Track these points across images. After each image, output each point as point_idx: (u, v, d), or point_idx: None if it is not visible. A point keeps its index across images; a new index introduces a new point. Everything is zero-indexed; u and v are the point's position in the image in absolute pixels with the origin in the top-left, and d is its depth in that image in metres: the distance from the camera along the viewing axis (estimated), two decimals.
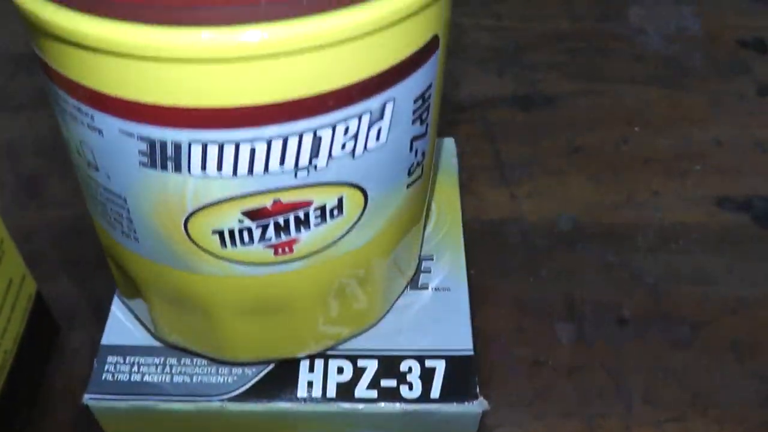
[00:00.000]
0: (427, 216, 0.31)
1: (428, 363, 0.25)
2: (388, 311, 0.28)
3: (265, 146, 0.18)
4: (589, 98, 0.51)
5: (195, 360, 0.27)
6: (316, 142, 0.19)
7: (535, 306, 0.41)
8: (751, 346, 0.39)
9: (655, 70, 0.53)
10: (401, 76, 0.19)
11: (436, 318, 0.27)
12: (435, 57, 0.20)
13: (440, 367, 0.24)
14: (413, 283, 0.30)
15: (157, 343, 0.28)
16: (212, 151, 0.18)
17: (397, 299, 0.29)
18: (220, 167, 0.18)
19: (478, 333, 0.38)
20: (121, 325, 0.28)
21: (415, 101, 0.20)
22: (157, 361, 0.27)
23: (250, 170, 0.19)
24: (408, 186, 0.23)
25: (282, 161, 0.19)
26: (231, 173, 0.19)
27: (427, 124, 0.22)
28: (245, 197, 0.19)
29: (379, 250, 0.24)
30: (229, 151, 0.18)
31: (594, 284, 0.41)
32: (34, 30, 0.18)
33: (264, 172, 0.19)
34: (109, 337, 0.28)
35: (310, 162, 0.19)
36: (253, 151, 0.18)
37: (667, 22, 0.59)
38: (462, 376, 0.25)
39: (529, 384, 0.38)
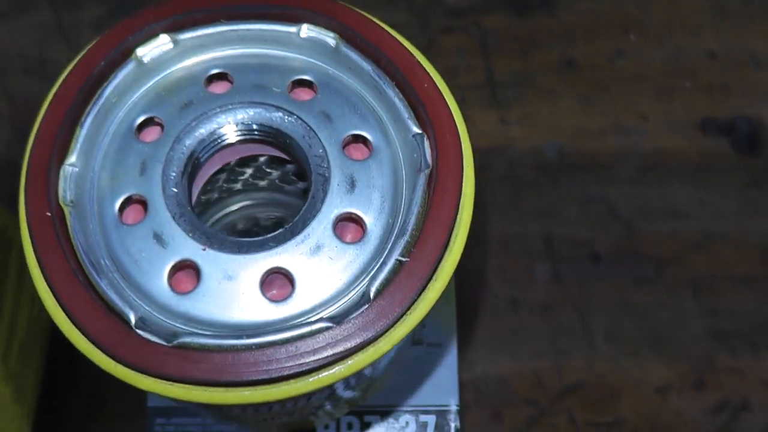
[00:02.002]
0: None
1: (422, 418, 0.29)
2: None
3: None
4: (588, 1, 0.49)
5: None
6: None
7: (517, 244, 0.44)
8: (709, 283, 0.43)
9: None
10: None
11: (429, 374, 0.31)
12: None
13: (431, 421, 0.29)
14: None
15: None
16: None
17: None
18: None
19: (464, 272, 0.42)
20: None
21: None
22: (198, 420, 0.32)
23: None
24: None
25: None
26: None
27: None
28: None
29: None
30: None
31: (572, 220, 0.44)
32: None
33: None
34: (153, 399, 0.33)
35: None
36: None
37: None
38: (448, 428, 0.30)
39: (506, 323, 0.43)
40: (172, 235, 0.22)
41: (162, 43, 0.24)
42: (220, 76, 0.25)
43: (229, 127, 0.24)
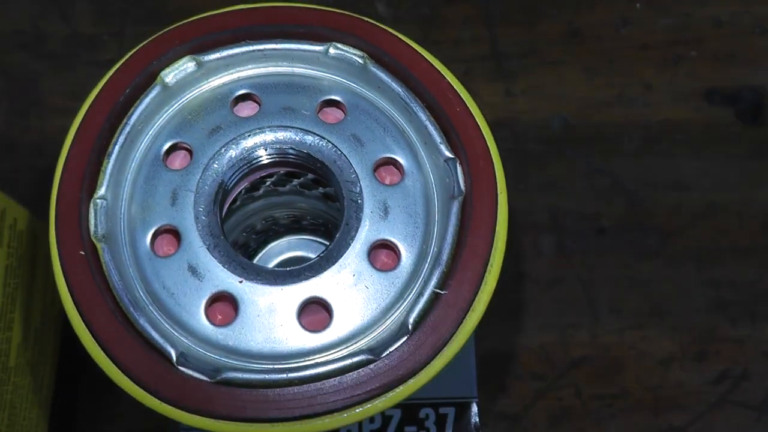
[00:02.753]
0: None
1: (441, 410, 0.30)
2: None
3: None
4: None
5: None
6: None
7: (523, 218, 0.44)
8: (711, 255, 0.44)
9: None
10: None
11: (448, 368, 0.31)
12: None
13: (451, 414, 0.30)
14: None
15: None
16: None
17: None
18: None
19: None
20: None
21: None
22: None
23: None
24: None
25: None
26: None
27: None
28: None
29: None
30: None
31: (577, 194, 0.44)
32: None
33: None
34: None
35: None
36: None
37: None
38: (467, 419, 0.30)
39: (513, 297, 0.43)
40: (208, 266, 0.22)
41: (186, 65, 0.23)
42: (247, 97, 0.24)
43: (260, 152, 0.23)
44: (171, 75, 0.23)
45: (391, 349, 0.21)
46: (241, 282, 0.22)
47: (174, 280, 0.22)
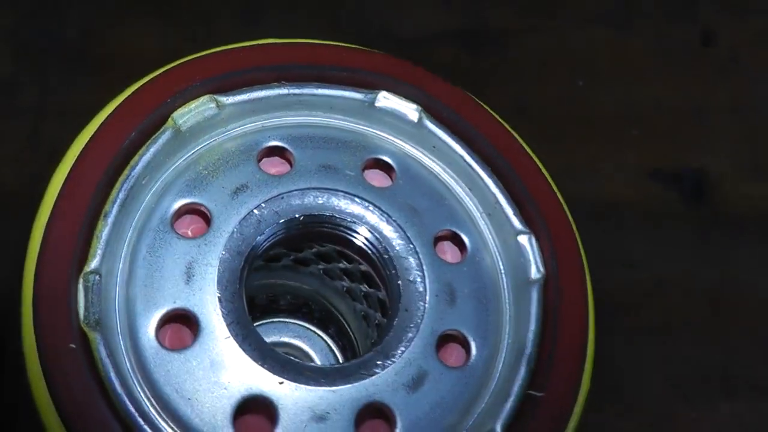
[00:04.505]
0: None
1: None
2: None
3: None
4: (539, 39, 0.47)
5: None
6: None
7: None
8: (662, 330, 0.42)
9: (605, 8, 0.49)
10: None
11: None
12: None
13: None
14: None
15: None
16: None
17: None
18: None
19: None
20: None
21: None
22: None
23: None
24: None
25: None
26: None
27: None
28: None
29: None
30: None
31: None
32: None
33: None
34: None
35: None
36: None
37: None
38: None
39: None
40: (237, 363, 0.17)
41: (205, 107, 0.18)
42: (275, 151, 0.19)
43: (296, 219, 0.18)
44: (185, 117, 0.18)
45: None
46: (281, 383, 0.17)
47: (191, 382, 0.16)
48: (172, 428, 0.16)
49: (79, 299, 0.16)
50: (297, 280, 0.25)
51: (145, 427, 0.16)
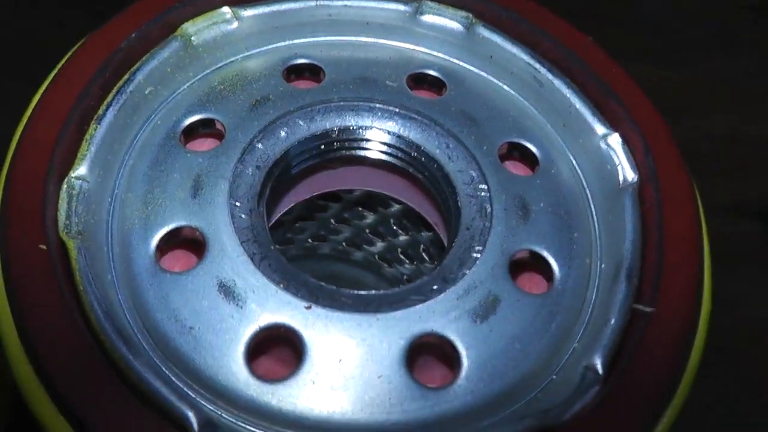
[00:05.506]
0: None
1: None
2: None
3: None
4: None
5: None
6: None
7: None
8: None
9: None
10: None
11: None
12: None
13: None
14: None
15: None
16: None
17: None
18: None
19: None
20: None
21: None
22: None
23: None
24: None
25: None
26: None
27: None
28: None
29: None
30: None
31: None
32: None
33: None
34: None
35: None
36: None
37: None
38: None
39: None
40: (252, 286, 0.13)
41: (221, 20, 0.16)
42: (306, 69, 0.16)
43: (327, 133, 0.15)
44: (197, 28, 0.16)
45: (576, 409, 0.12)
46: (309, 308, 0.13)
47: (194, 308, 0.13)
48: (166, 361, 0.12)
49: (61, 205, 0.13)
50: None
51: (130, 358, 0.12)
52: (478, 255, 0.14)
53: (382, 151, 0.15)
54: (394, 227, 0.22)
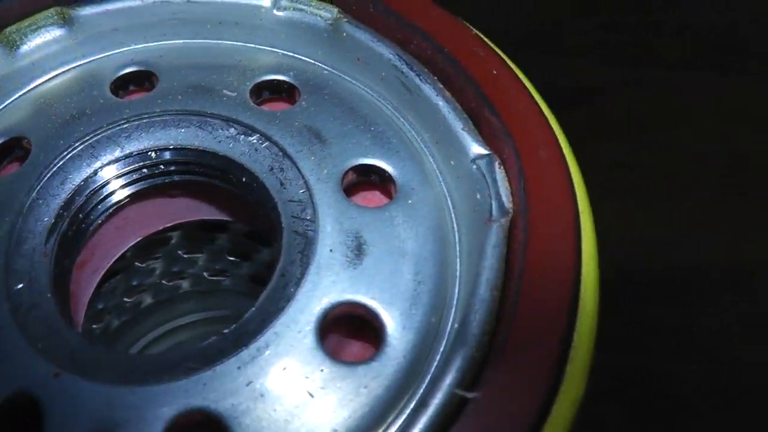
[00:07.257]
0: None
1: None
2: None
3: None
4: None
5: None
6: None
7: None
8: None
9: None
10: None
11: None
12: None
13: None
14: None
15: None
16: None
17: None
18: None
19: None
20: None
21: None
22: None
23: None
24: None
25: None
26: None
27: None
28: None
29: None
30: None
31: None
32: None
33: None
34: None
35: None
36: None
37: None
38: None
39: None
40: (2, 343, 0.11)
41: (49, 23, 0.14)
42: (137, 78, 0.14)
43: (139, 156, 0.12)
44: (22, 35, 0.14)
45: None
46: (56, 376, 0.11)
47: None
48: None
49: None
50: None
51: None
52: (284, 308, 0.11)
53: (197, 174, 0.13)
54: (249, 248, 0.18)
